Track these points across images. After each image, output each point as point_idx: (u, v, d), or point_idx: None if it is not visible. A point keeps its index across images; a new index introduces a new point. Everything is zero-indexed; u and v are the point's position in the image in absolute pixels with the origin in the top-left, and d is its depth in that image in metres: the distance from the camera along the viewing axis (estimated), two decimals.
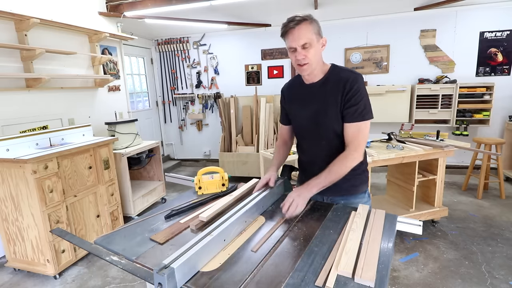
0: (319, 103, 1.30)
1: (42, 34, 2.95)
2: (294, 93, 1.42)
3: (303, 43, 1.18)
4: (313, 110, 1.31)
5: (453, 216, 3.14)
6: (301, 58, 1.21)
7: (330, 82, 1.27)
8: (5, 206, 2.35)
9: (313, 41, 1.19)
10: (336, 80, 1.26)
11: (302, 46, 1.19)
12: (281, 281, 0.81)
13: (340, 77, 1.25)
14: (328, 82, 1.28)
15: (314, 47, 1.20)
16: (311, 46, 1.19)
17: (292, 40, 1.19)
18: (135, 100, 5.15)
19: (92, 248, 1.02)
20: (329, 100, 1.26)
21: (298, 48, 1.19)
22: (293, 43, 1.20)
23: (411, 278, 2.23)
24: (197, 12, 3.98)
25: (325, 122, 1.29)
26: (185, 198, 1.47)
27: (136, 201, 3.39)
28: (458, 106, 4.13)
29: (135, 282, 2.33)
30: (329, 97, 1.26)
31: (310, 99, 1.33)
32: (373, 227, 1.06)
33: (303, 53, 1.20)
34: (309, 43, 1.18)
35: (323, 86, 1.29)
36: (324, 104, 1.28)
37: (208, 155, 5.71)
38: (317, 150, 1.37)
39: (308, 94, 1.33)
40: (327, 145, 1.33)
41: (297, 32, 1.18)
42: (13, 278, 2.43)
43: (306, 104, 1.34)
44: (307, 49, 1.19)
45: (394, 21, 4.41)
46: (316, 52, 1.22)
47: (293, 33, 1.19)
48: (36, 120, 2.89)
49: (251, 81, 5.21)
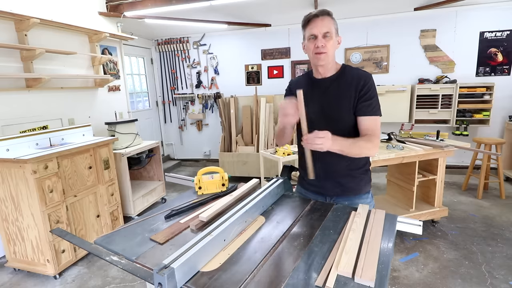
0: (331, 97, 1.31)
1: (42, 34, 2.95)
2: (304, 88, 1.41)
3: (325, 31, 1.23)
4: (324, 103, 1.32)
5: (453, 216, 3.14)
6: (321, 46, 1.24)
7: (344, 77, 1.31)
8: (5, 206, 2.35)
9: (333, 34, 1.25)
10: (350, 76, 1.30)
11: (323, 35, 1.23)
12: (281, 281, 0.81)
13: (354, 74, 1.30)
14: (341, 77, 1.32)
15: (333, 40, 1.25)
16: (331, 37, 1.24)
17: (315, 27, 1.24)
18: (135, 100, 5.15)
19: (92, 248, 1.01)
20: (342, 94, 1.29)
21: (319, 36, 1.23)
22: (315, 30, 1.24)
23: (411, 278, 2.23)
24: (197, 12, 3.98)
25: (336, 114, 1.30)
26: (185, 198, 1.47)
27: (136, 201, 3.39)
28: (458, 106, 4.13)
29: (135, 282, 2.33)
30: (343, 91, 1.29)
31: (321, 93, 1.34)
32: (373, 227, 1.06)
33: (324, 41, 1.24)
34: (330, 33, 1.24)
35: (336, 81, 1.32)
36: (336, 98, 1.30)
37: (208, 155, 5.71)
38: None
39: (319, 88, 1.34)
40: None
41: (321, 21, 1.23)
42: (13, 278, 2.43)
43: (316, 98, 1.34)
44: (327, 39, 1.24)
45: (394, 21, 4.41)
46: (334, 45, 1.27)
47: (316, 21, 1.24)
48: (36, 120, 2.89)
49: (251, 81, 5.21)
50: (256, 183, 1.55)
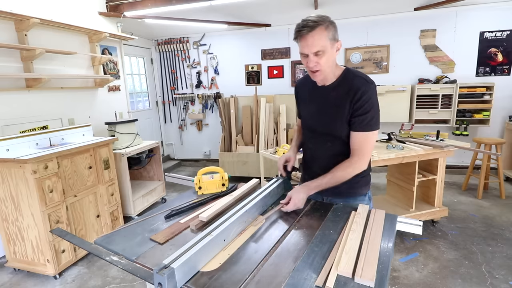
0: (327, 107, 1.29)
1: (42, 34, 2.95)
2: (306, 91, 1.41)
3: (315, 51, 1.14)
4: (321, 112, 1.31)
5: (453, 216, 3.14)
6: (313, 66, 1.18)
7: (341, 87, 1.25)
8: (5, 206, 2.35)
9: (326, 48, 1.15)
10: (348, 86, 1.23)
11: (314, 54, 1.15)
12: (281, 281, 0.81)
13: (352, 84, 1.22)
14: (339, 87, 1.26)
15: (327, 54, 1.16)
16: (324, 53, 1.15)
17: (305, 47, 1.15)
18: (135, 100, 5.15)
19: (92, 248, 1.02)
20: (338, 105, 1.25)
21: (310, 55, 1.16)
22: (305, 50, 1.16)
23: (411, 278, 2.23)
24: (197, 12, 3.98)
25: (331, 125, 1.29)
26: (185, 198, 1.47)
27: (136, 201, 3.38)
28: (458, 106, 4.13)
29: (135, 282, 2.33)
30: (338, 102, 1.25)
31: (320, 101, 1.32)
32: (373, 227, 1.06)
33: (315, 60, 1.17)
34: (322, 50, 1.14)
35: (334, 90, 1.27)
36: (332, 108, 1.27)
37: (208, 155, 5.71)
38: (321, 150, 1.37)
39: (319, 95, 1.33)
40: (332, 147, 1.33)
41: (311, 39, 1.13)
42: (13, 278, 2.43)
43: (315, 105, 1.34)
44: (319, 56, 1.16)
45: (394, 21, 4.41)
46: (329, 58, 1.18)
47: (306, 39, 1.13)
48: (36, 120, 2.89)
49: (251, 81, 5.21)
50: (256, 183, 1.55)
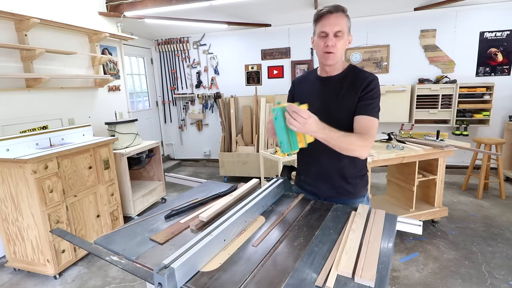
0: (334, 96, 1.29)
1: (42, 34, 2.95)
2: (307, 86, 1.41)
3: (337, 30, 1.18)
4: (327, 102, 1.30)
5: (453, 216, 3.14)
6: (331, 45, 1.19)
7: (349, 77, 1.27)
8: (5, 206, 2.35)
9: (345, 33, 1.20)
10: (356, 76, 1.26)
11: (334, 33, 1.18)
12: (281, 281, 0.81)
13: (358, 76, 1.26)
14: (347, 77, 1.28)
15: (343, 39, 1.20)
16: (342, 37, 1.19)
17: (327, 25, 1.18)
18: (135, 100, 5.15)
19: (92, 248, 1.01)
20: (346, 94, 1.26)
21: (330, 34, 1.18)
22: (327, 28, 1.18)
23: (411, 278, 2.23)
24: (197, 12, 3.98)
25: (338, 114, 1.27)
26: (185, 198, 1.47)
27: (136, 201, 3.38)
28: (458, 106, 4.13)
29: (135, 282, 2.33)
30: (346, 91, 1.26)
31: (325, 91, 1.32)
32: (373, 227, 1.06)
33: (334, 41, 1.19)
34: (342, 32, 1.18)
35: (341, 80, 1.28)
36: (340, 97, 1.27)
37: (208, 155, 5.71)
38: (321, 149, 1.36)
39: (324, 86, 1.33)
40: None
41: (334, 19, 1.17)
42: (13, 278, 2.43)
43: (320, 96, 1.33)
44: (338, 38, 1.19)
45: (394, 21, 4.41)
46: (344, 44, 1.22)
47: (329, 18, 1.18)
48: (36, 120, 2.89)
49: (251, 81, 5.21)
50: (256, 183, 1.55)
